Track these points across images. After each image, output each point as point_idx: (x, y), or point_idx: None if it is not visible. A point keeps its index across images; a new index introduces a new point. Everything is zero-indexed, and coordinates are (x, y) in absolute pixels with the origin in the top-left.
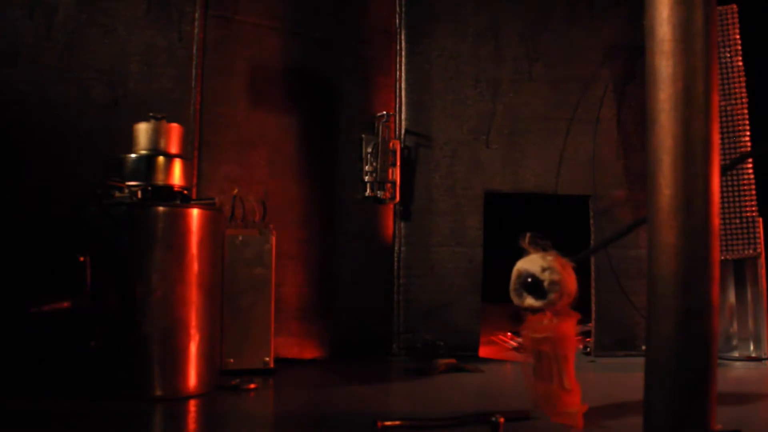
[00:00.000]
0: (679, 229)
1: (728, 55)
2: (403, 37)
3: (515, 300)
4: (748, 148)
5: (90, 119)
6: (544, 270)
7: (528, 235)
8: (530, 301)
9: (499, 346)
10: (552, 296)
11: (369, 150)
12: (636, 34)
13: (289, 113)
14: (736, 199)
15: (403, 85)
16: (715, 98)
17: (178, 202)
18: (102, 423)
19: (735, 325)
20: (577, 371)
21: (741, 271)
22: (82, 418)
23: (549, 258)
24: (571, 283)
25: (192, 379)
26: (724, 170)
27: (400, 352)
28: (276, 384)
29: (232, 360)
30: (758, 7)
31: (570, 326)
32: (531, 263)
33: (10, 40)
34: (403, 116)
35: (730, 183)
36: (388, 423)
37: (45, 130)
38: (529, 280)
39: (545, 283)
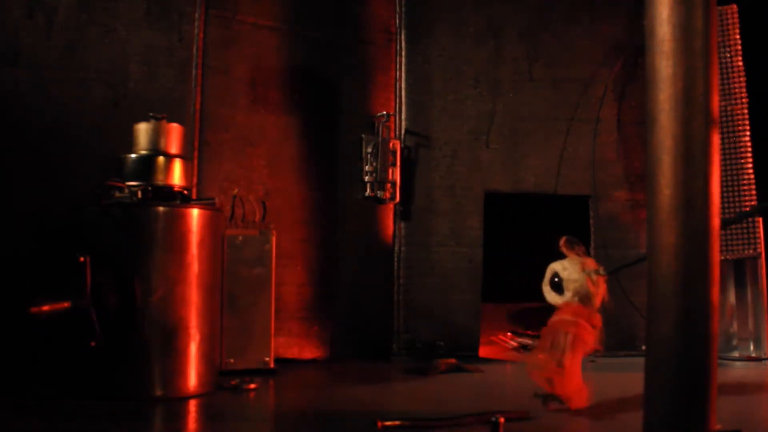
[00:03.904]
0: (679, 229)
1: (728, 55)
2: (403, 37)
3: (546, 296)
4: (749, 148)
5: (90, 119)
6: (564, 269)
7: (564, 238)
8: (552, 296)
9: (499, 346)
10: (567, 294)
11: (369, 150)
12: (636, 34)
13: (289, 113)
14: (736, 199)
15: (403, 85)
16: (715, 98)
17: (177, 202)
18: (102, 423)
19: (735, 325)
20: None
21: (741, 271)
22: (82, 418)
23: (576, 260)
24: (590, 286)
25: (192, 379)
26: (725, 224)
27: (400, 352)
28: (276, 384)
29: (232, 360)
30: (758, 7)
31: (598, 320)
32: (559, 263)
33: (10, 40)
34: (403, 116)
35: (730, 183)
36: (388, 423)
37: (45, 130)
38: (556, 279)
39: (563, 282)
